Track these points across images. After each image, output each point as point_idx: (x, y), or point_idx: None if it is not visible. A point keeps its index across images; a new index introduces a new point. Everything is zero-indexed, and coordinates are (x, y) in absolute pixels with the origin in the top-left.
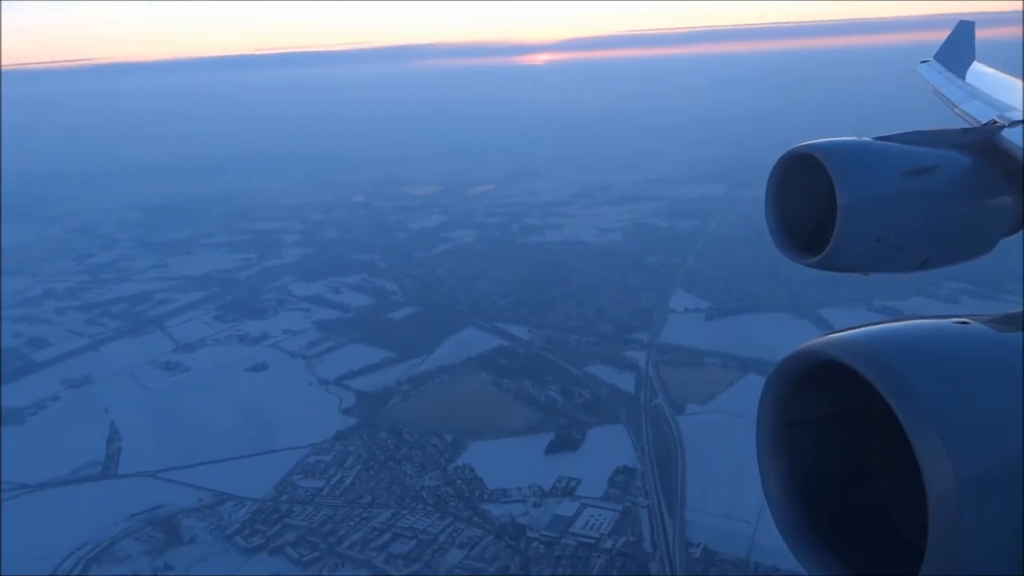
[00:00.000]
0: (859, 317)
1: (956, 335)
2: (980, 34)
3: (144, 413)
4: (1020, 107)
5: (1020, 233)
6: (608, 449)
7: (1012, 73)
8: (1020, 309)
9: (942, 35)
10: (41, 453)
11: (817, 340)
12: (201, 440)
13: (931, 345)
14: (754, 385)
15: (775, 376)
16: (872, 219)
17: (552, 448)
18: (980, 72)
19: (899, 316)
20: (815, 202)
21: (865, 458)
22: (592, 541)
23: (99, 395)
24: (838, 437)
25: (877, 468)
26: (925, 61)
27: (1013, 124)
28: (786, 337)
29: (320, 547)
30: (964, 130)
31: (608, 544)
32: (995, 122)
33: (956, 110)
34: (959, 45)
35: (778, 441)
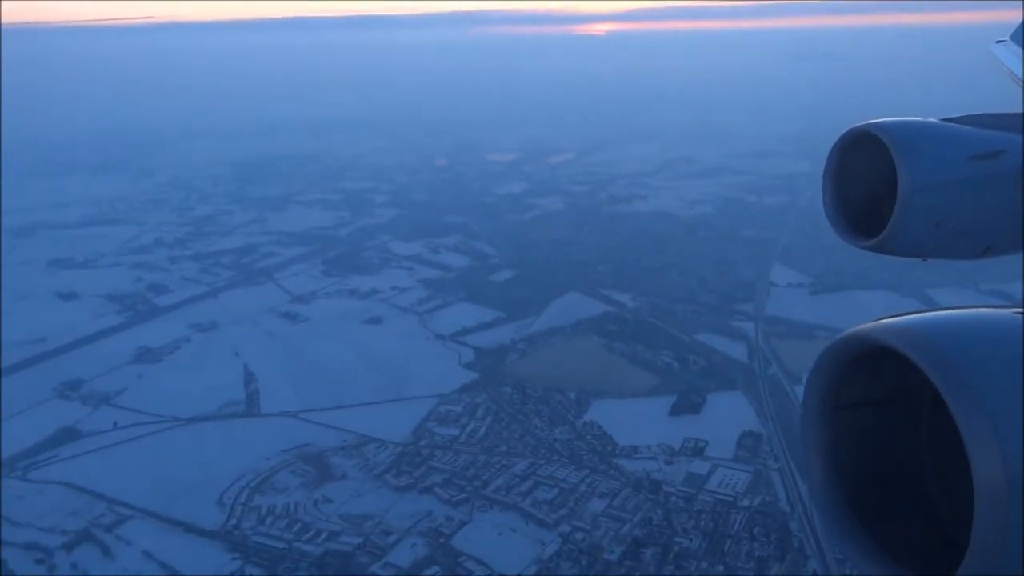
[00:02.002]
0: (967, 298)
1: (1014, 326)
2: None
3: (273, 357)
4: None
5: None
6: (730, 414)
7: None
8: None
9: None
10: (184, 390)
11: (868, 325)
12: (333, 385)
13: (987, 335)
14: None
15: (824, 359)
16: (934, 204)
17: (675, 410)
18: None
19: (954, 305)
20: (875, 183)
21: (911, 447)
22: (729, 499)
23: (227, 339)
24: (885, 424)
25: (923, 458)
26: (1001, 41)
27: None
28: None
29: (467, 489)
30: None
31: (745, 502)
32: None
33: None
34: None
35: (824, 424)
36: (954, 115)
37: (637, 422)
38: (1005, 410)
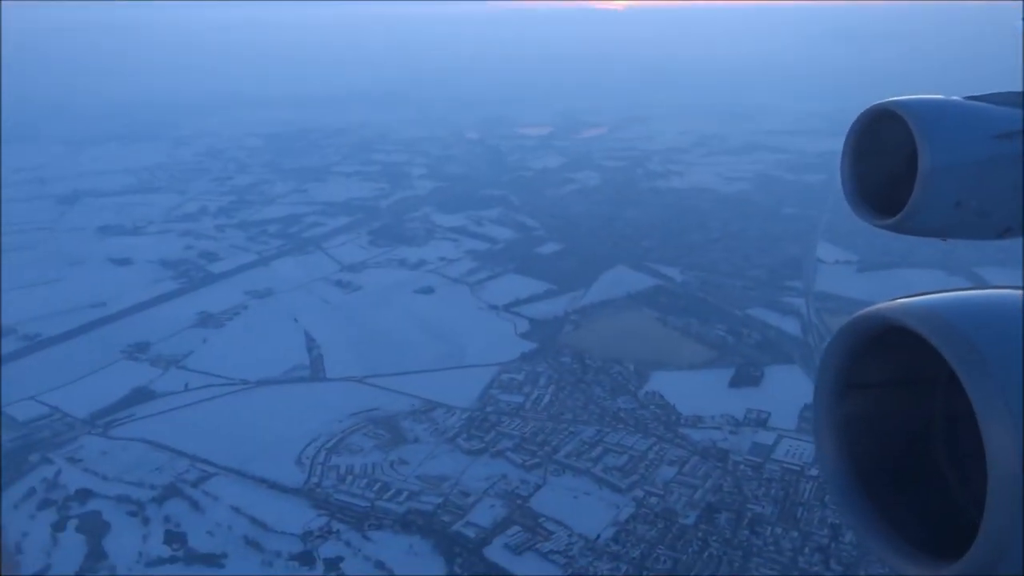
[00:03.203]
0: (1014, 278)
1: None
2: None
3: (332, 324)
4: None
5: None
6: (790, 387)
7: None
8: None
9: None
10: (248, 354)
11: (884, 304)
12: (393, 352)
13: (1003, 315)
14: None
15: (839, 337)
16: (955, 183)
17: (734, 382)
18: None
19: (975, 285)
20: (895, 162)
21: (924, 427)
22: (797, 468)
23: (284, 306)
24: (898, 404)
25: (936, 438)
26: None
27: None
28: None
29: (538, 454)
30: None
31: (813, 472)
32: None
33: None
34: None
35: (836, 403)
36: (981, 93)
37: (698, 393)
38: (1021, 390)
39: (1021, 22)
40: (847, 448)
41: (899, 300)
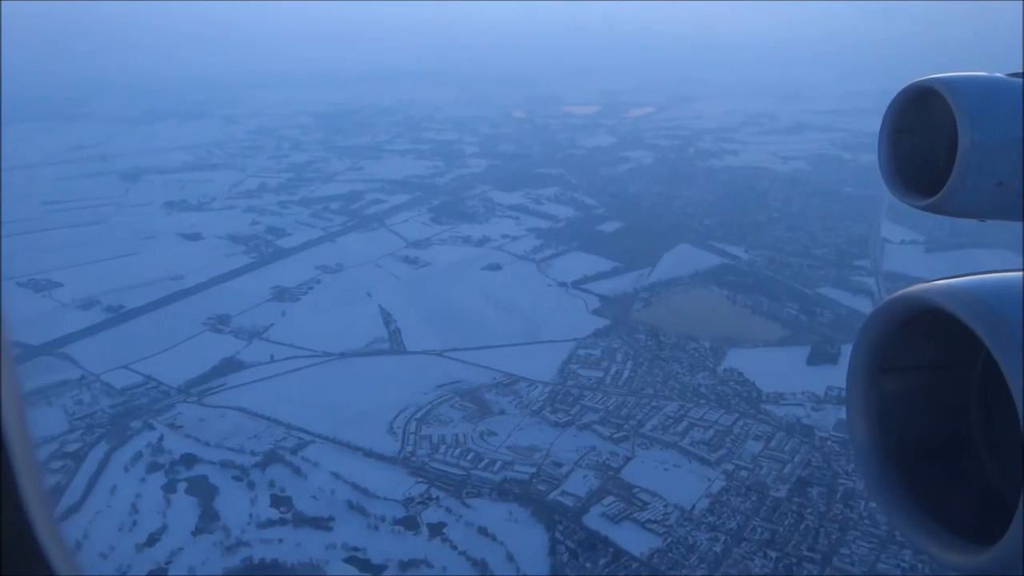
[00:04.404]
0: None
1: None
2: None
3: (404, 299)
4: None
5: None
6: None
7: None
8: None
9: None
10: (327, 327)
11: (920, 286)
12: (468, 326)
13: None
14: None
15: (873, 320)
16: (996, 162)
17: (812, 360)
18: None
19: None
20: (934, 141)
21: (959, 411)
22: None
23: (355, 281)
24: (933, 387)
25: (972, 423)
26: None
27: None
28: None
29: (624, 427)
30: None
31: None
32: None
33: None
34: None
35: (870, 386)
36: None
37: (776, 370)
38: None
39: None
40: (880, 432)
41: (935, 282)
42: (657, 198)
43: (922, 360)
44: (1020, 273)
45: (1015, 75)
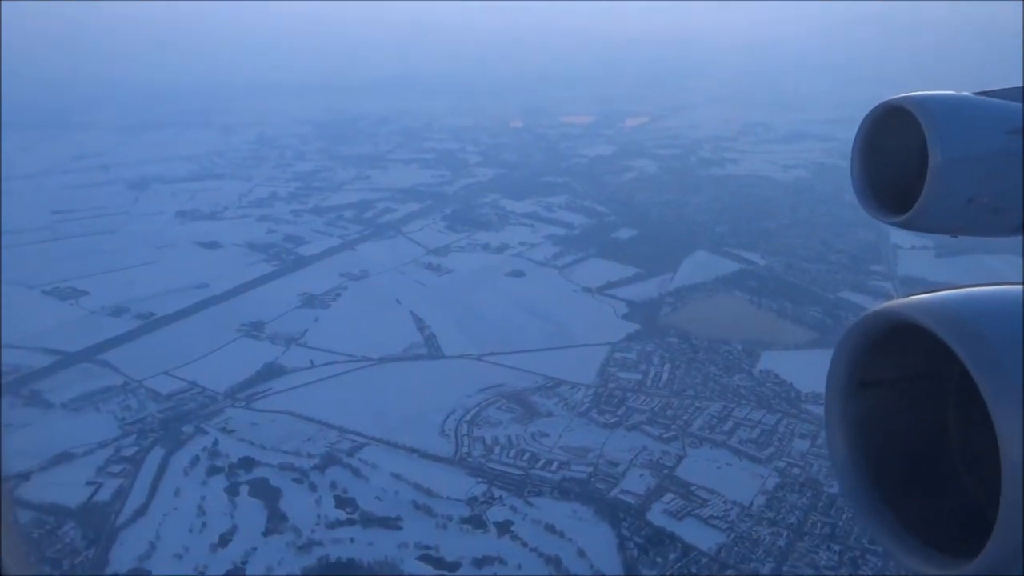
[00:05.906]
0: None
1: None
2: None
3: (434, 305)
4: None
5: None
6: None
7: None
8: None
9: None
10: (362, 333)
11: (897, 301)
12: (501, 331)
13: (1016, 312)
14: None
15: (850, 335)
16: (966, 179)
17: None
18: None
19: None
20: (905, 158)
21: (937, 425)
22: None
23: (382, 287)
24: (910, 402)
25: (950, 437)
26: None
27: None
28: None
29: (672, 427)
30: None
31: None
32: None
33: None
34: None
35: (848, 401)
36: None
37: (811, 371)
38: None
39: None
40: (859, 446)
41: (912, 297)
42: (666, 206)
43: (900, 374)
44: (997, 287)
45: (983, 94)
